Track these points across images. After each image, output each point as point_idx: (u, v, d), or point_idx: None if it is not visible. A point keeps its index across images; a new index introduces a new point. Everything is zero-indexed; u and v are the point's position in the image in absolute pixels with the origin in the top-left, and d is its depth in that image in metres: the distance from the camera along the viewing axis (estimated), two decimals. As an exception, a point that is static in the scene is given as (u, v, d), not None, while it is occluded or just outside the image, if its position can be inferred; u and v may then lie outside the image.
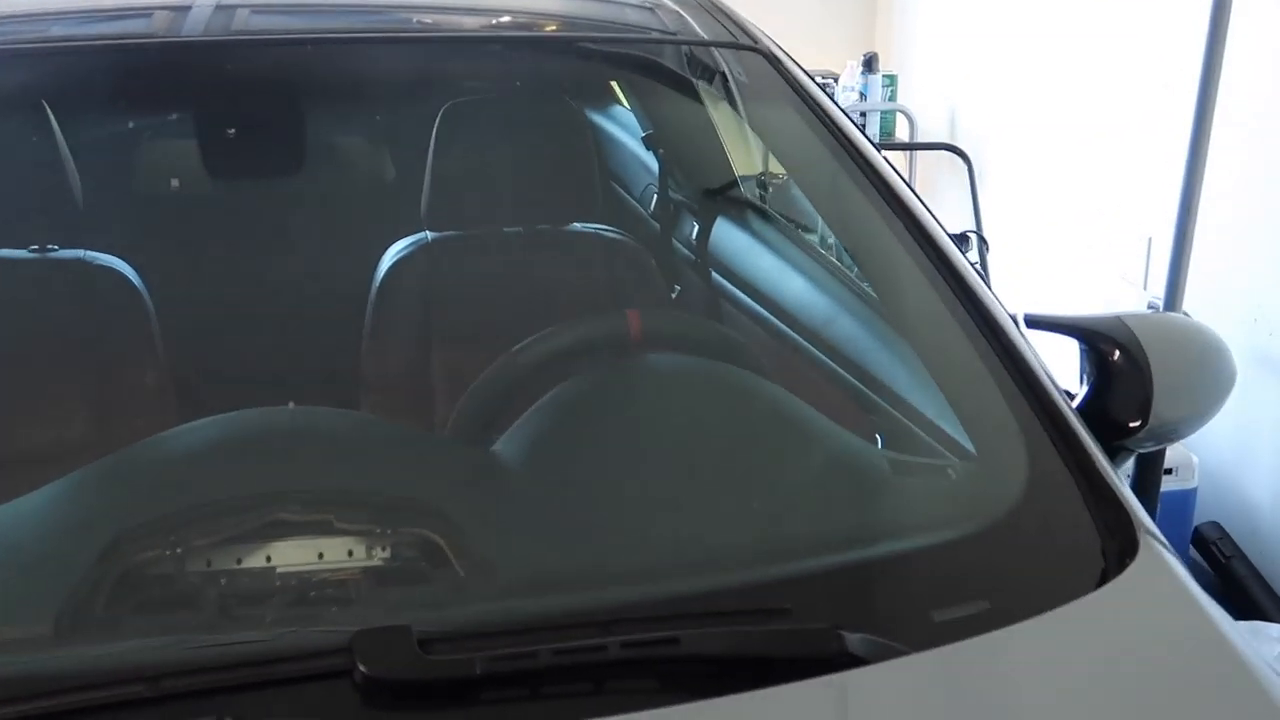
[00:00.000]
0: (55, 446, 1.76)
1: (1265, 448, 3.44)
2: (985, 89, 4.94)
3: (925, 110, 5.27)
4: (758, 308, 2.16)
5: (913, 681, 1.23)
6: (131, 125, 2.52)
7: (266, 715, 1.12)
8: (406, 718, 1.14)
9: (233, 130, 2.29)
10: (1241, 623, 3.12)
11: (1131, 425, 1.74)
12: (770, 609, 1.27)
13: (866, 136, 2.08)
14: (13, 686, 1.15)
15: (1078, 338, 1.86)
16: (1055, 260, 4.37)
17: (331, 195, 2.38)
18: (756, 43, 2.12)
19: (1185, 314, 3.44)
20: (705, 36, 2.17)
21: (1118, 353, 1.78)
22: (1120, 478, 1.58)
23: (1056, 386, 1.66)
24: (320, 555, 1.39)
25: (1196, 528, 3.60)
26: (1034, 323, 1.97)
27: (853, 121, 2.08)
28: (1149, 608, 1.39)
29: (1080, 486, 1.52)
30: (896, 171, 1.98)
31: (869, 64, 5.11)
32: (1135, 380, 1.76)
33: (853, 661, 1.19)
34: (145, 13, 2.24)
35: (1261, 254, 3.41)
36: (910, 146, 5.07)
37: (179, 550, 1.41)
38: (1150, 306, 3.45)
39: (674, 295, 2.30)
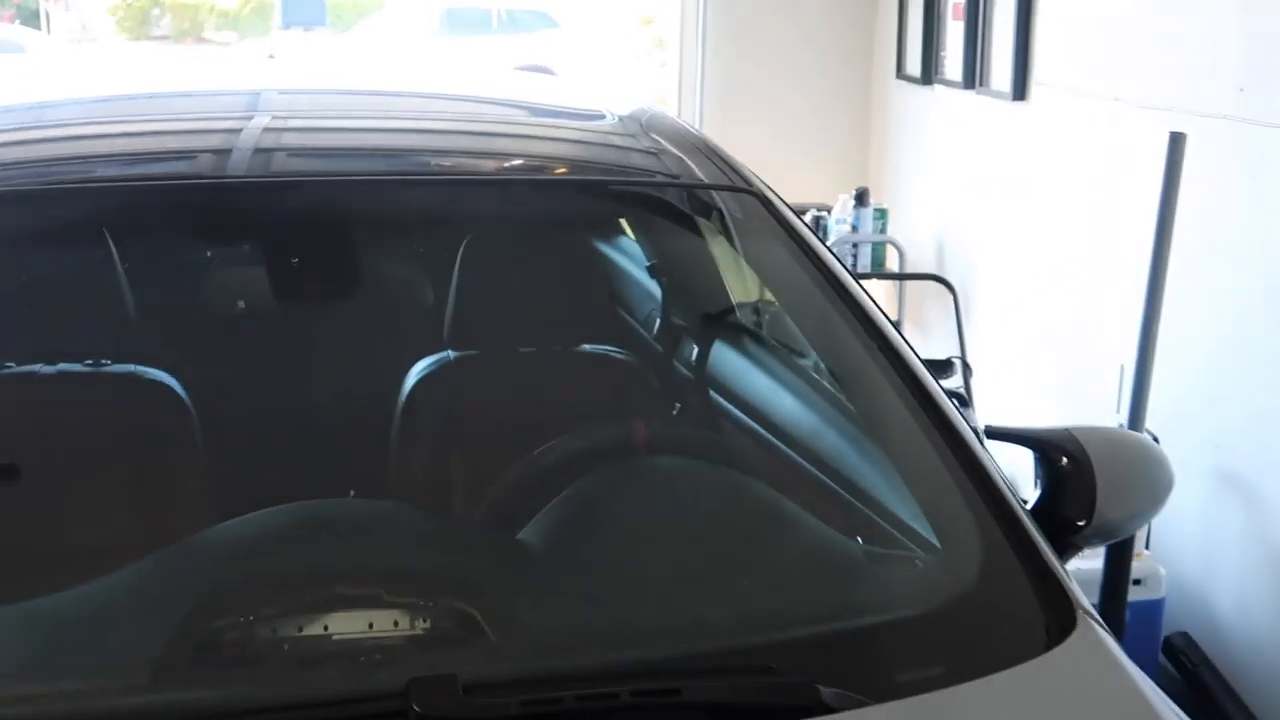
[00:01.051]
0: (102, 540, 1.82)
1: (1230, 561, 3.53)
2: (970, 223, 5.03)
3: (914, 242, 5.33)
4: (750, 421, 2.22)
5: None
6: (179, 255, 2.54)
7: None
8: None
9: (272, 260, 2.41)
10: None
11: (1079, 523, 1.90)
12: (758, 667, 1.51)
13: (849, 270, 2.22)
14: None
15: (1031, 447, 2.01)
16: (1035, 385, 4.45)
17: (361, 317, 2.41)
18: (750, 185, 2.23)
19: (1150, 434, 3.65)
20: (704, 179, 2.31)
21: (1065, 459, 1.92)
22: (1063, 566, 1.75)
23: (1010, 489, 1.81)
24: (370, 625, 1.57)
25: (1167, 637, 3.62)
26: (993, 434, 2.17)
27: (836, 257, 2.20)
28: (1083, 672, 1.58)
29: (1027, 573, 1.69)
30: (875, 302, 2.12)
31: (860, 198, 5.18)
32: (1081, 484, 1.90)
33: (825, 710, 1.39)
34: (192, 155, 2.34)
35: (1222, 385, 3.55)
36: (899, 276, 5.14)
37: (252, 618, 1.60)
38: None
39: (675, 410, 2.35)
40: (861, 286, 2.18)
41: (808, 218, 5.32)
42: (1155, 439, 3.59)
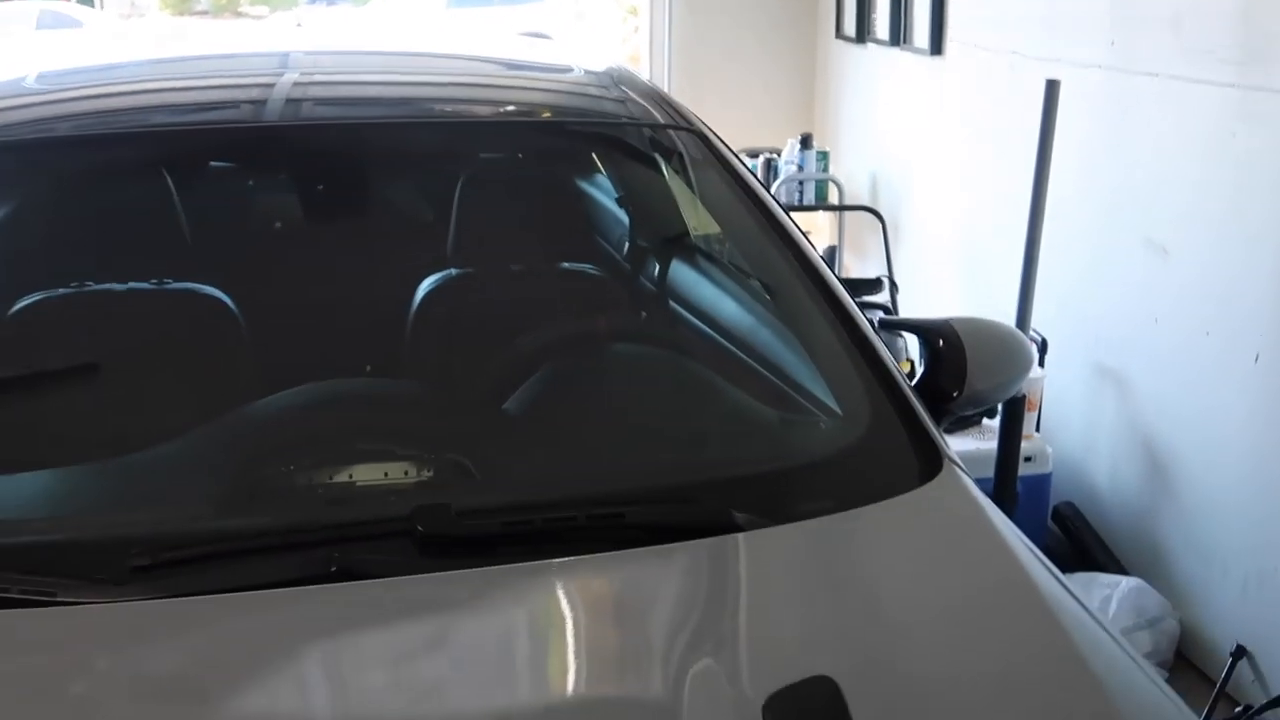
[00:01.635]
0: (171, 414, 1.86)
1: (1105, 441, 3.65)
2: (898, 162, 5.08)
3: (851, 179, 5.40)
4: (691, 317, 2.28)
5: (774, 541, 1.59)
6: (224, 189, 2.55)
7: (361, 560, 1.46)
8: (448, 561, 1.48)
9: (302, 192, 2.44)
10: (1079, 574, 3.44)
11: (953, 393, 1.99)
12: (685, 498, 1.67)
13: (770, 194, 2.31)
14: (199, 539, 1.52)
15: (916, 334, 2.14)
16: (951, 297, 4.55)
17: (378, 239, 2.44)
18: (691, 125, 2.32)
19: (1037, 334, 3.79)
20: (660, 119, 2.37)
21: (942, 342, 2.00)
22: (935, 425, 1.87)
23: (895, 367, 1.95)
24: (385, 474, 1.73)
25: (1055, 506, 3.71)
26: (886, 324, 2.33)
27: (763, 184, 2.30)
28: (945, 502, 1.73)
29: (904, 429, 1.83)
30: (793, 221, 2.20)
31: (805, 142, 5.26)
32: (955, 361, 1.99)
33: (735, 528, 1.58)
34: (234, 105, 2.42)
35: (1099, 296, 3.65)
36: (837, 208, 5.19)
37: (292, 468, 1.78)
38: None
39: (635, 313, 2.38)
40: (783, 209, 2.26)
41: (761, 159, 5.43)
42: (1043, 339, 3.76)
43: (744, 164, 2.35)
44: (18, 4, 22.16)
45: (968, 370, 2.01)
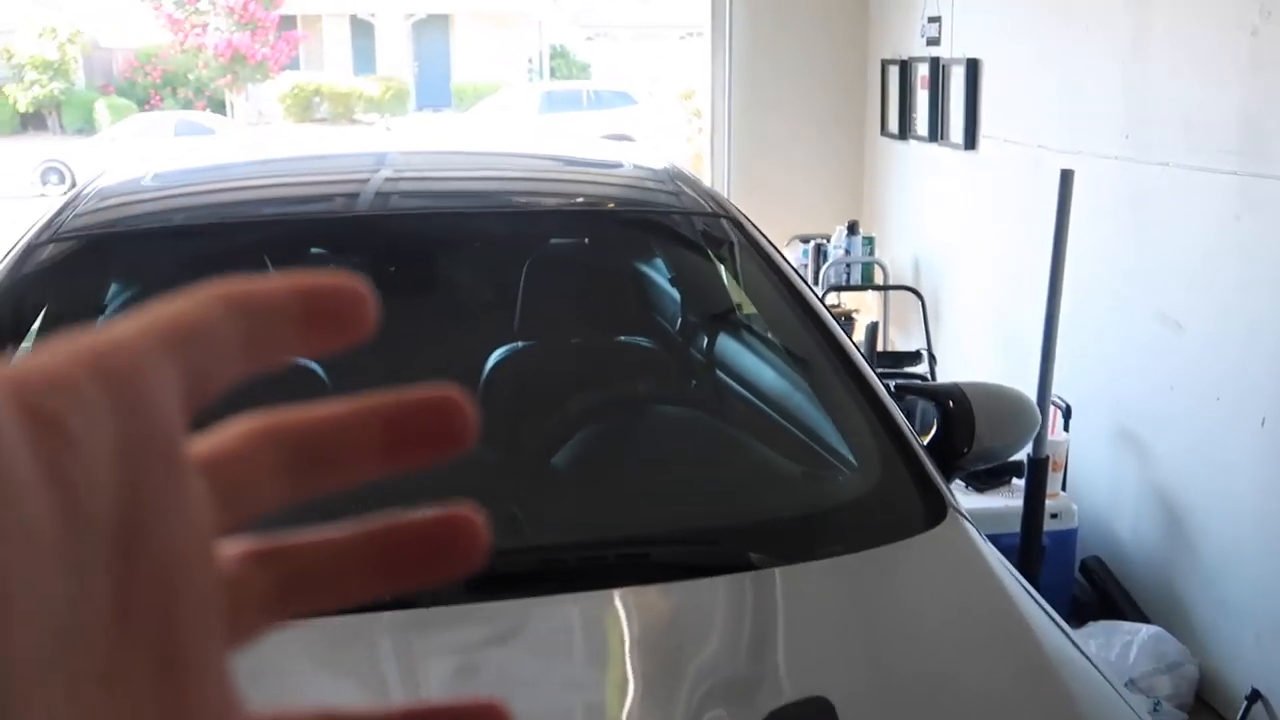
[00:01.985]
0: None
1: (1128, 500, 3.63)
2: (936, 246, 5.10)
3: (895, 261, 5.41)
4: (734, 387, 2.32)
5: (786, 578, 1.64)
6: (321, 270, 2.80)
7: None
8: (489, 594, 1.50)
9: (388, 273, 2.45)
10: (1102, 622, 3.42)
11: (963, 450, 2.03)
12: (705, 540, 1.75)
13: (798, 273, 2.34)
14: None
15: (930, 398, 2.18)
16: (983, 370, 4.48)
17: (455, 314, 2.49)
18: (728, 212, 2.40)
19: (1063, 401, 3.79)
20: (706, 209, 2.41)
21: (952, 404, 2.05)
22: (941, 477, 1.87)
23: (908, 427, 1.96)
24: None
25: (1083, 561, 3.68)
26: (903, 389, 2.37)
27: (789, 264, 2.33)
28: (947, 546, 1.75)
29: (915, 483, 1.84)
30: (817, 296, 2.28)
31: (852, 228, 5.28)
32: (965, 422, 2.03)
33: (750, 567, 1.63)
34: (329, 198, 2.51)
35: (1122, 368, 3.65)
36: (881, 287, 5.22)
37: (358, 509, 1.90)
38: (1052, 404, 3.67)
39: (681, 382, 2.40)
40: (808, 285, 2.32)
41: (811, 245, 5.49)
42: (1068, 405, 3.76)
43: (775, 249, 2.40)
44: (159, 114, 23.12)
45: (976, 429, 2.04)
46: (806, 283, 2.33)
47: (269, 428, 0.28)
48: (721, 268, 2.50)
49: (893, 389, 2.28)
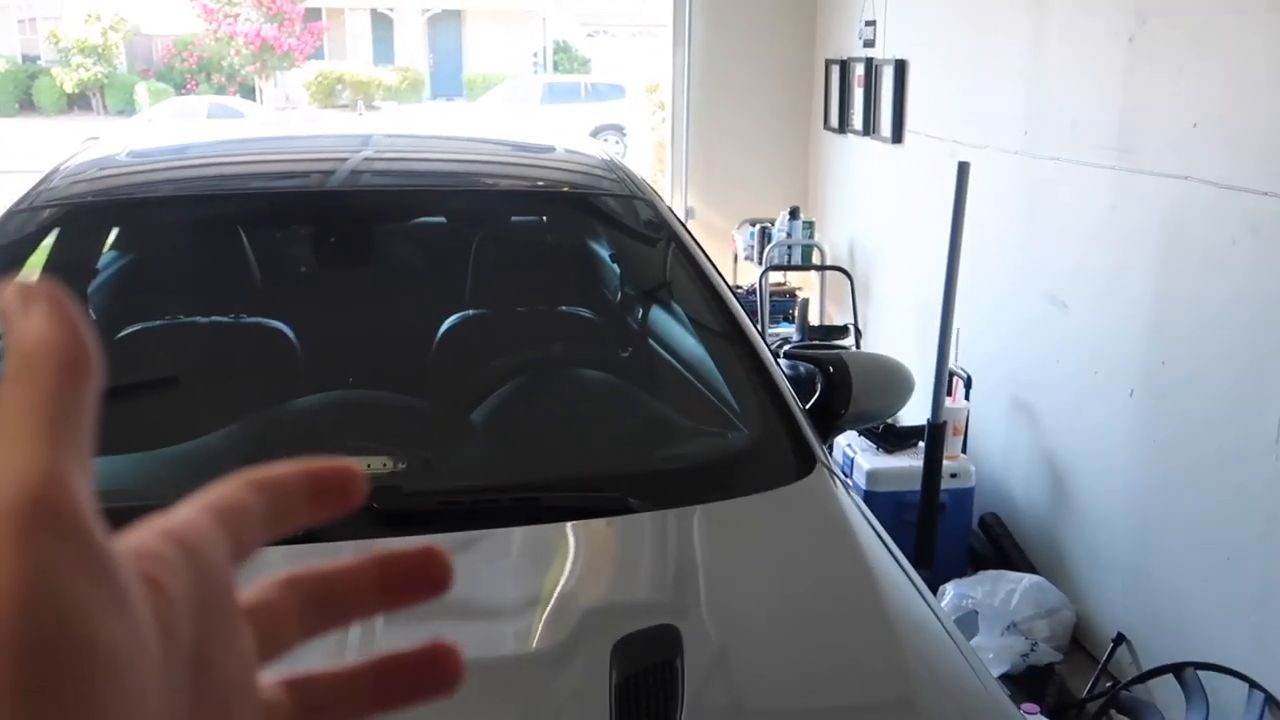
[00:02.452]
0: (235, 410, 1.91)
1: (1020, 462, 3.66)
2: (867, 230, 5.09)
3: (834, 245, 5.41)
4: (650, 353, 2.31)
5: (658, 521, 1.65)
6: (286, 239, 2.61)
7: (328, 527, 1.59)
8: (394, 530, 1.51)
9: (349, 244, 2.47)
10: (990, 571, 3.45)
11: (841, 412, 2.04)
12: (589, 487, 1.74)
13: (700, 247, 2.31)
14: None
15: (812, 363, 2.15)
16: (905, 341, 4.54)
17: (408, 284, 2.49)
18: (644, 194, 2.37)
19: (964, 371, 3.81)
20: (626, 192, 2.39)
21: (832, 369, 2.07)
22: (814, 435, 1.88)
23: (790, 391, 1.96)
24: (368, 465, 1.76)
25: (981, 517, 3.70)
26: (790, 354, 2.38)
27: (694, 239, 2.32)
28: (812, 494, 1.75)
29: (791, 440, 1.84)
30: (715, 268, 2.25)
31: (794, 213, 5.25)
32: (844, 387, 2.04)
33: (629, 510, 1.64)
34: (304, 175, 2.50)
35: (1016, 343, 3.64)
36: (815, 268, 5.23)
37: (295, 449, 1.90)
38: (952, 372, 3.57)
39: (625, 354, 2.37)
40: (708, 258, 2.29)
41: (758, 227, 5.49)
42: (968, 375, 3.78)
43: (686, 230, 2.39)
44: (194, 97, 22.94)
45: (853, 392, 2.05)
46: (711, 261, 2.32)
47: (291, 579, 0.33)
48: (641, 245, 2.48)
49: (781, 355, 2.32)
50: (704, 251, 2.35)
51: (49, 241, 2.24)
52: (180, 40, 26.68)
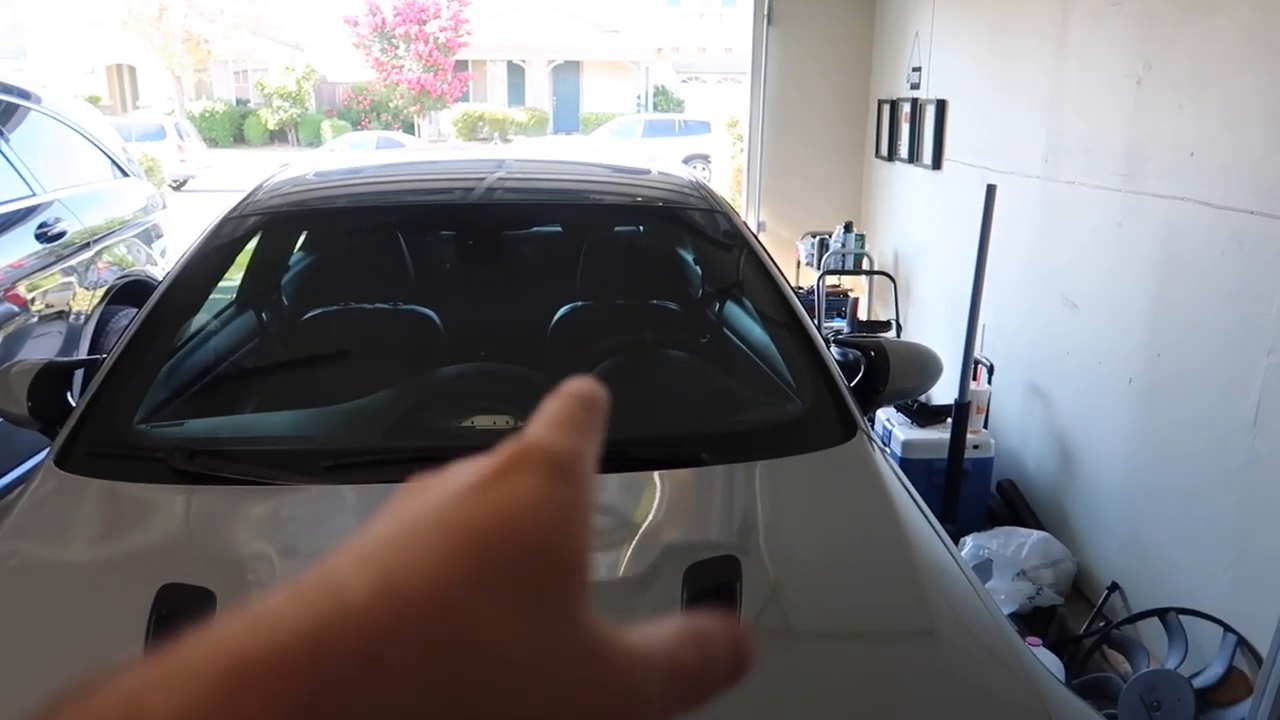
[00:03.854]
0: (392, 378, 1.93)
1: (1034, 437, 3.56)
2: (910, 242, 4.99)
3: (881, 254, 5.33)
4: (724, 338, 2.29)
5: (725, 473, 1.64)
6: (435, 242, 2.61)
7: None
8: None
9: (487, 248, 2.52)
10: (1005, 527, 3.36)
11: (880, 389, 2.01)
12: (672, 445, 1.70)
13: (769, 255, 2.28)
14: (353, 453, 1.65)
15: (858, 349, 2.12)
16: (940, 336, 4.47)
17: (530, 280, 2.50)
18: (724, 209, 2.35)
19: (988, 360, 3.72)
20: (713, 205, 2.36)
21: (873, 353, 2.04)
22: (857, 406, 1.86)
23: (838, 370, 1.94)
24: (474, 424, 1.82)
25: (998, 483, 3.63)
26: (839, 342, 2.35)
27: (764, 250, 2.29)
28: (855, 455, 1.73)
29: (837, 411, 1.83)
30: (782, 274, 2.21)
31: (848, 227, 5.22)
32: (882, 368, 2.02)
33: (700, 463, 1.64)
34: (451, 190, 2.46)
35: (1032, 336, 3.54)
36: (866, 273, 5.14)
37: (438, 413, 1.88)
38: (978, 361, 3.54)
39: (704, 340, 2.33)
40: (774, 263, 2.26)
41: (817, 239, 5.43)
42: (991, 364, 3.70)
43: (757, 239, 2.36)
44: (367, 132, 23.47)
45: (890, 373, 2.03)
46: (776, 265, 2.30)
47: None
48: (719, 251, 2.45)
49: (831, 340, 2.29)
50: (771, 257, 2.32)
51: (254, 242, 2.32)
52: (357, 86, 27.34)
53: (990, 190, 3.06)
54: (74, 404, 1.85)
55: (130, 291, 4.13)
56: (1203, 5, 2.52)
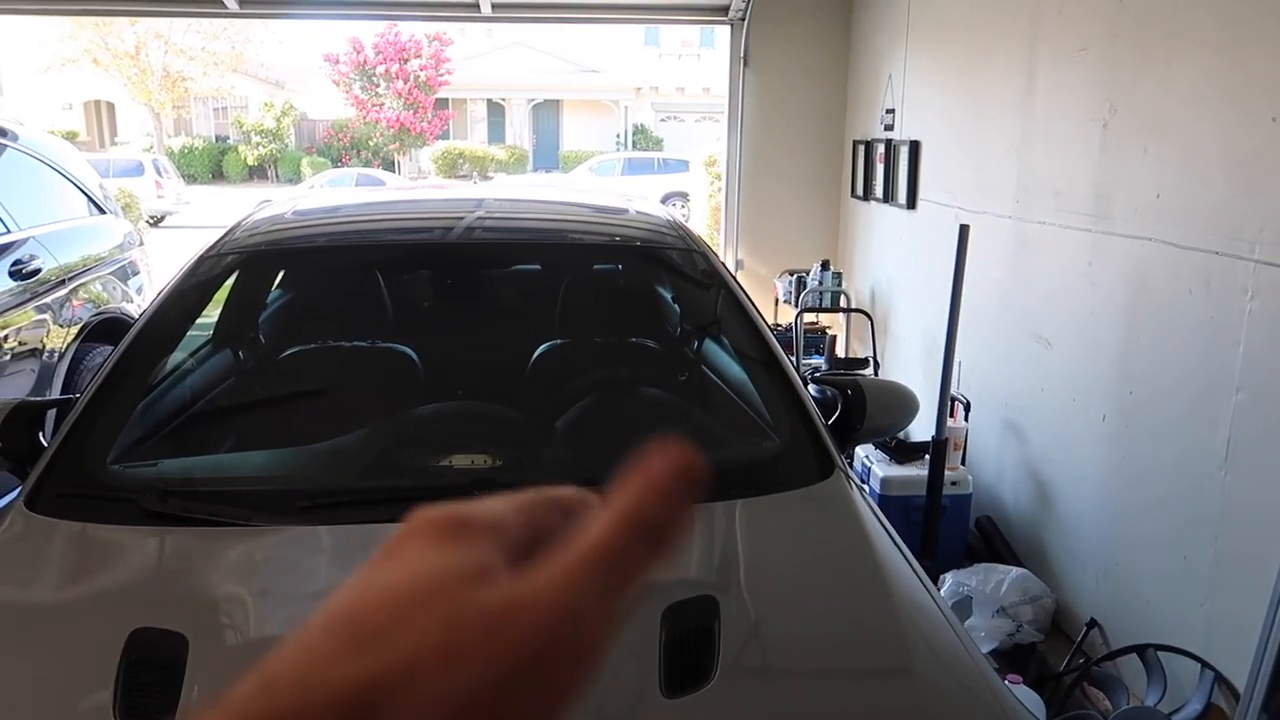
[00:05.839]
0: (368, 416, 1.91)
1: (1010, 473, 3.57)
2: (886, 280, 5.02)
3: (858, 291, 5.36)
4: (702, 376, 2.25)
5: (706, 512, 1.61)
6: (413, 280, 2.58)
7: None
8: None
9: (464, 287, 2.48)
10: (983, 564, 3.37)
11: (857, 426, 2.02)
12: None
13: (744, 292, 2.29)
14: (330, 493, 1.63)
15: (835, 387, 2.13)
16: (915, 372, 4.50)
17: (509, 318, 2.48)
18: (699, 247, 2.36)
19: (964, 397, 3.75)
20: (690, 245, 2.37)
21: (850, 391, 2.05)
22: (834, 445, 1.86)
23: (816, 409, 1.94)
24: (452, 463, 1.80)
25: (977, 519, 3.62)
26: (816, 380, 2.36)
27: (740, 286, 2.30)
28: (831, 493, 1.74)
29: (815, 449, 1.84)
30: (758, 311, 2.22)
31: (825, 265, 5.23)
32: (860, 406, 2.03)
33: None
34: (426, 230, 2.46)
35: (1007, 374, 3.56)
36: (843, 310, 5.17)
37: (414, 450, 1.85)
38: (954, 397, 3.53)
39: (682, 377, 2.31)
40: (751, 301, 2.27)
41: (795, 277, 5.47)
42: (968, 401, 3.73)
43: (733, 277, 2.37)
44: (347, 169, 23.50)
45: (867, 411, 2.03)
46: (753, 303, 2.31)
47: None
48: (697, 290, 2.45)
49: (809, 379, 2.30)
50: (748, 296, 2.33)
51: (231, 280, 2.32)
52: (337, 124, 27.41)
53: (963, 230, 3.10)
54: (46, 444, 1.83)
55: (105, 329, 4.11)
56: (1163, 52, 2.59)
